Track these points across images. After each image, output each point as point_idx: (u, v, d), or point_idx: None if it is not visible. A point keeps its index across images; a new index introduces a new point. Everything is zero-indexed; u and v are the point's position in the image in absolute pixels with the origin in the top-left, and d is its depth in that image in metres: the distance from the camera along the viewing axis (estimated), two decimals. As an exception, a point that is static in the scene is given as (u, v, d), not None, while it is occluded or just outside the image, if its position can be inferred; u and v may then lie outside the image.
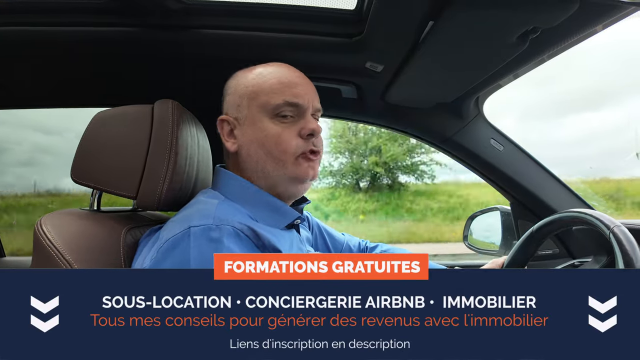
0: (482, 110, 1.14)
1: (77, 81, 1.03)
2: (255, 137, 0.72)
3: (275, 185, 0.74)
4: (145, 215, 0.83)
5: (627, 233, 0.66)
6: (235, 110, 0.74)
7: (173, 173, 0.70)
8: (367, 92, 1.09)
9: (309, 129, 0.72)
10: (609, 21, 0.73)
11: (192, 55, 0.94)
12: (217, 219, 0.60)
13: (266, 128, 0.71)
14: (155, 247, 0.61)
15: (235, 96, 0.75)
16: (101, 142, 0.71)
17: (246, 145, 0.73)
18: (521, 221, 1.21)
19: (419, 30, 0.77)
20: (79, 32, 0.85)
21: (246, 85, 0.74)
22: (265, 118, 0.72)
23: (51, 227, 0.64)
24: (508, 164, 1.17)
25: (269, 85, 0.73)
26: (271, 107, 0.71)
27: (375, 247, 1.07)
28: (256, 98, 0.72)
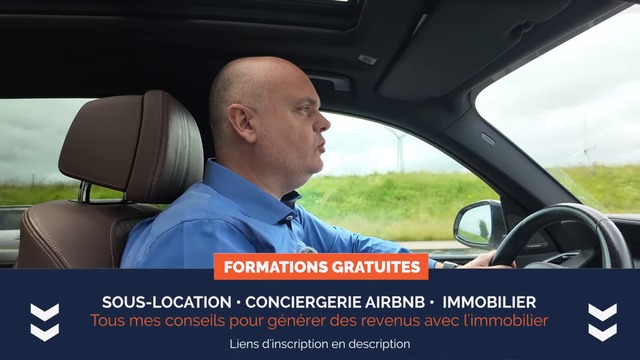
0: (474, 105, 1.15)
1: (63, 71, 1.00)
2: (279, 128, 0.73)
3: (290, 175, 0.76)
4: (136, 208, 0.82)
5: (613, 227, 0.67)
6: (254, 100, 0.73)
7: (163, 165, 0.69)
8: (360, 85, 1.08)
9: (323, 123, 0.78)
10: (600, 17, 0.73)
11: (184, 46, 0.92)
12: (210, 213, 0.60)
13: (289, 120, 0.74)
14: (148, 241, 0.60)
15: (251, 85, 0.73)
16: (90, 132, 0.70)
17: (268, 136, 0.73)
18: (511, 215, 1.23)
19: (412, 23, 0.77)
20: (66, 20, 0.82)
21: (266, 76, 0.73)
22: (288, 110, 0.74)
23: (39, 219, 0.63)
24: (499, 158, 1.18)
25: (291, 80, 0.75)
26: (295, 100, 0.74)
27: (367, 240, 1.08)
28: (278, 90, 0.73)
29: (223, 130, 0.75)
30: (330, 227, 1.06)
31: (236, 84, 0.74)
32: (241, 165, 0.74)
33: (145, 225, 0.67)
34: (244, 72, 0.74)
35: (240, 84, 0.73)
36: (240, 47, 0.89)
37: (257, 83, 0.73)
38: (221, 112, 0.74)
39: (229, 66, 0.77)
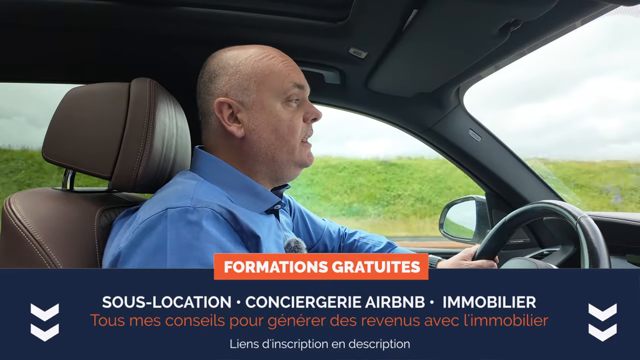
0: (462, 101, 1.16)
1: (47, 56, 0.96)
2: (267, 122, 0.71)
3: (280, 170, 0.75)
4: (121, 197, 0.80)
5: (592, 224, 0.69)
6: (241, 93, 0.71)
7: (150, 154, 0.68)
8: (350, 78, 1.08)
9: (314, 113, 0.76)
10: (587, 17, 0.75)
11: (173, 33, 0.89)
12: (196, 201, 0.59)
13: (278, 113, 0.72)
14: (132, 227, 0.59)
15: (237, 78, 0.71)
16: (75, 119, 0.68)
17: (257, 130, 0.71)
18: (495, 211, 1.25)
19: (403, 17, 0.77)
20: (52, 4, 0.79)
21: (253, 67, 0.71)
22: (277, 103, 0.72)
23: (20, 207, 0.62)
24: (484, 154, 1.20)
25: (279, 68, 0.72)
26: (283, 90, 0.72)
27: (354, 233, 1.09)
28: (266, 82, 0.71)
29: (211, 124, 0.74)
30: (320, 219, 1.07)
31: (222, 76, 0.72)
32: (231, 159, 0.73)
33: (130, 214, 0.66)
34: (230, 63, 0.72)
35: (227, 76, 0.72)
36: (231, 36, 0.87)
37: (244, 75, 0.71)
38: (208, 106, 0.73)
39: (214, 56, 0.75)
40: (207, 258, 0.53)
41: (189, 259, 0.53)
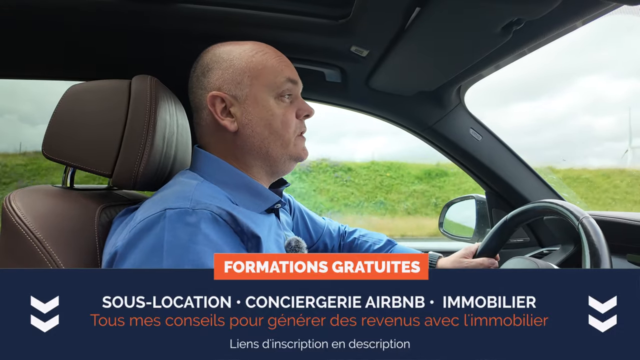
0: (464, 100, 1.15)
1: (47, 52, 0.96)
2: (260, 116, 0.71)
3: (274, 164, 0.75)
4: (122, 195, 0.80)
5: (594, 225, 0.69)
6: (235, 88, 0.71)
7: (150, 151, 0.68)
8: (351, 76, 1.07)
9: (306, 110, 0.77)
10: (590, 16, 0.75)
11: (174, 30, 0.89)
12: (195, 202, 0.58)
13: (271, 108, 0.72)
14: (129, 227, 0.58)
15: (231, 72, 0.71)
16: (75, 116, 0.68)
17: (250, 124, 0.71)
18: (495, 210, 1.25)
19: (405, 16, 0.76)
20: (52, 0, 0.79)
21: (247, 61, 0.71)
22: (271, 98, 0.72)
23: (21, 204, 0.62)
24: (485, 153, 1.19)
25: (272, 64, 0.72)
26: (276, 86, 0.72)
27: (354, 231, 1.09)
28: (260, 76, 0.71)
29: (204, 119, 0.73)
30: (320, 218, 1.06)
31: (216, 70, 0.72)
32: (224, 153, 0.73)
33: (130, 212, 0.66)
34: (224, 57, 0.72)
35: (220, 70, 0.71)
36: (232, 33, 0.86)
37: (237, 69, 0.71)
38: (201, 100, 0.73)
39: (208, 51, 0.75)
40: (203, 261, 0.53)
41: (185, 261, 0.52)
